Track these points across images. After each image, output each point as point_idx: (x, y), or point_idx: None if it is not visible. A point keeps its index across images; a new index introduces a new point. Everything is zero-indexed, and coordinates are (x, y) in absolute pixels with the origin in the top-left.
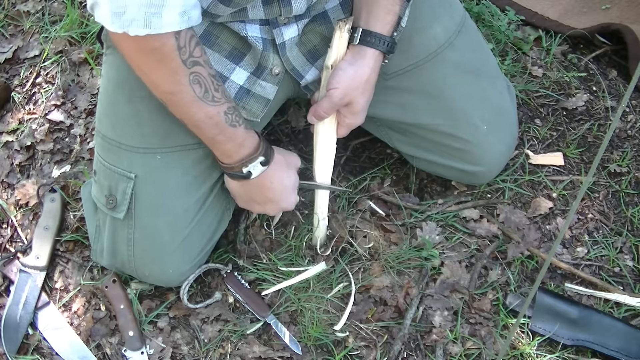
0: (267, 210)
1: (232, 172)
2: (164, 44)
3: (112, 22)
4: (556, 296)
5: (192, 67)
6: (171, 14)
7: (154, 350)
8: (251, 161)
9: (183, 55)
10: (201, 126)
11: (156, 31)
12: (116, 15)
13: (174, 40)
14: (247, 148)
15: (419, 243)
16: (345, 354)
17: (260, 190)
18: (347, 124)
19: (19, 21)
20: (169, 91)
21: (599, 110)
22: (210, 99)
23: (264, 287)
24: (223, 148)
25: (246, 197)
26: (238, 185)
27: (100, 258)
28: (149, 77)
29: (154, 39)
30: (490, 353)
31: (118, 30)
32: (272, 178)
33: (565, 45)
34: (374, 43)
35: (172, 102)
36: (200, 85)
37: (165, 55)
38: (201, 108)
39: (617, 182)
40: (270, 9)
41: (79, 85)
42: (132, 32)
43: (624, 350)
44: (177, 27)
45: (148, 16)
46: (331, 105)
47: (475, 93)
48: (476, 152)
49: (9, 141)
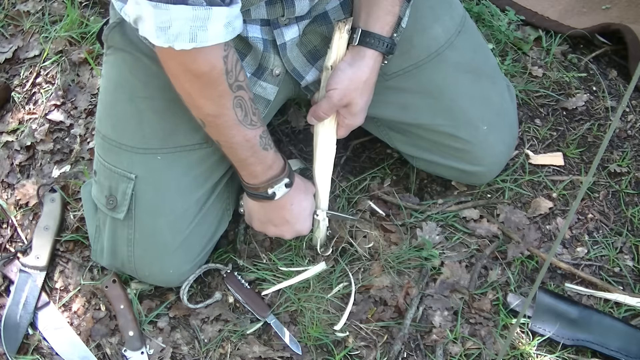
0: (283, 233)
1: (256, 192)
2: (213, 68)
3: (157, 37)
4: (556, 296)
5: (237, 92)
6: (216, 27)
7: (154, 350)
8: (277, 182)
9: (230, 80)
10: (237, 148)
11: (202, 44)
12: (161, 30)
13: (223, 64)
14: (274, 170)
15: (419, 243)
16: (345, 354)
17: (280, 211)
18: (347, 125)
19: (19, 21)
20: (213, 114)
21: (599, 110)
22: (249, 122)
23: (264, 287)
24: (252, 169)
25: (264, 219)
26: (258, 206)
27: (100, 258)
28: (194, 100)
29: (203, 60)
30: (490, 353)
31: (163, 44)
32: (292, 200)
33: (565, 45)
34: (373, 44)
35: (214, 125)
36: (241, 109)
37: (213, 80)
38: (240, 131)
39: (617, 182)
40: (273, 9)
41: (79, 85)
42: (177, 46)
43: (624, 350)
44: (222, 39)
45: (194, 30)
46: (330, 106)
47: (476, 93)
48: (476, 152)
49: (9, 141)
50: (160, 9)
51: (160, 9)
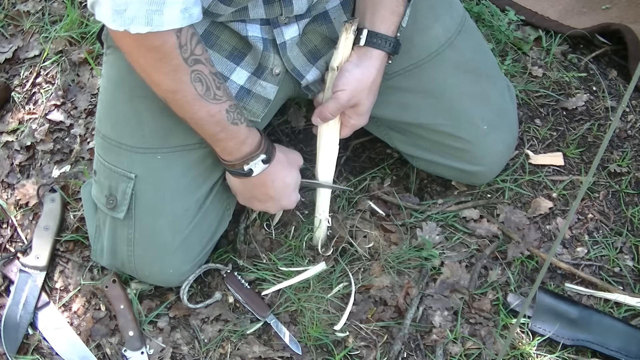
0: (268, 208)
1: (233, 169)
2: (165, 42)
3: (113, 20)
4: (556, 296)
5: (194, 65)
6: (172, 11)
7: (154, 350)
8: (252, 159)
9: (184, 54)
10: (203, 124)
11: (157, 29)
12: (117, 13)
13: (175, 39)
14: (249, 146)
15: (419, 243)
16: (345, 354)
17: (261, 188)
18: (352, 125)
19: (19, 21)
20: (171, 89)
21: (599, 110)
22: (212, 97)
23: (264, 287)
24: (224, 145)
25: (247, 195)
26: (239, 182)
27: (100, 258)
28: (150, 76)
29: (155, 37)
30: (490, 353)
31: (119, 28)
32: (273, 176)
33: (565, 45)
34: (379, 44)
35: (174, 101)
36: (201, 83)
37: (166, 54)
38: (203, 106)
39: (617, 182)
40: (271, 9)
41: (79, 85)
42: (133, 30)
43: (624, 350)
44: (178, 25)
45: (149, 14)
46: (338, 107)
47: (476, 93)
48: (476, 152)
49: (9, 141)
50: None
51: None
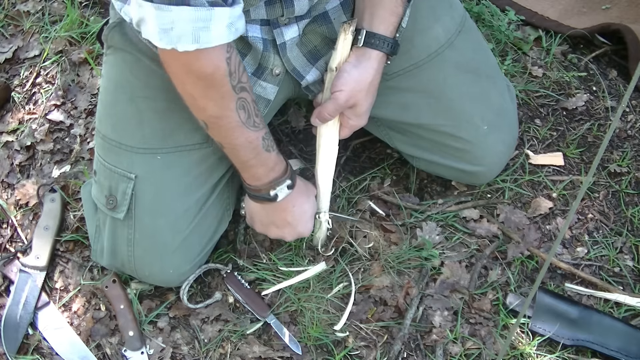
0: (285, 234)
1: (258, 194)
2: (216, 69)
3: (160, 39)
4: (556, 296)
5: (240, 93)
6: (219, 27)
7: (154, 350)
8: (279, 184)
9: (233, 81)
10: (240, 150)
11: (205, 45)
12: (164, 31)
13: (226, 65)
14: (276, 172)
15: (419, 243)
16: (345, 354)
17: (281, 213)
18: (351, 126)
19: (19, 21)
20: (216, 115)
21: (599, 110)
22: (252, 124)
23: (264, 287)
24: (254, 171)
25: (266, 221)
26: (260, 208)
27: (100, 258)
28: (197, 102)
29: (206, 61)
30: (490, 353)
31: (166, 46)
32: (294, 202)
33: (565, 45)
34: (378, 45)
35: (217, 126)
36: (245, 110)
37: (216, 81)
38: (243, 133)
39: (617, 182)
40: (272, 10)
41: (79, 85)
42: (180, 48)
43: (624, 350)
44: (225, 40)
45: (196, 31)
46: (336, 108)
47: (476, 93)
48: (476, 152)
49: (9, 141)
50: (163, 10)
51: (162, 10)
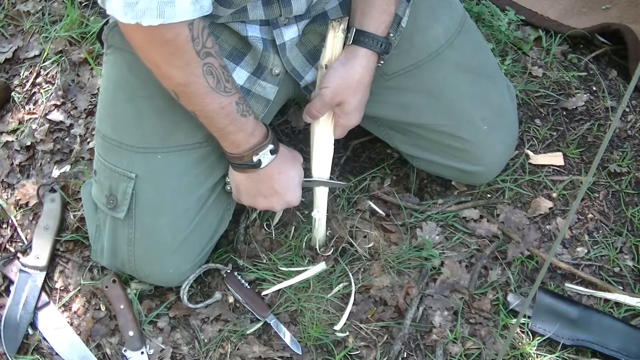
0: (273, 204)
1: (241, 162)
2: (178, 35)
3: (125, 14)
4: (556, 296)
5: (205, 58)
6: (184, 3)
7: (154, 350)
8: (261, 149)
9: (197, 46)
10: (213, 117)
11: (169, 20)
12: (128, 5)
13: (188, 31)
14: (257, 137)
15: (419, 243)
16: (345, 354)
17: (268, 181)
18: (342, 125)
19: (19, 21)
20: (183, 82)
21: (599, 110)
22: (222, 89)
23: (264, 287)
24: (233, 138)
25: (253, 192)
26: (245, 177)
27: (101, 258)
28: (162, 70)
29: (168, 30)
30: (490, 353)
31: (131, 21)
32: (280, 168)
33: (565, 45)
34: (367, 43)
35: (185, 94)
36: (212, 76)
37: (179, 47)
38: (214, 99)
39: (617, 182)
40: (270, 10)
41: (79, 85)
42: (145, 22)
43: (624, 350)
44: (190, 16)
45: (161, 5)
46: (322, 105)
47: (476, 93)
48: (476, 152)
49: (9, 141)
50: None
51: None
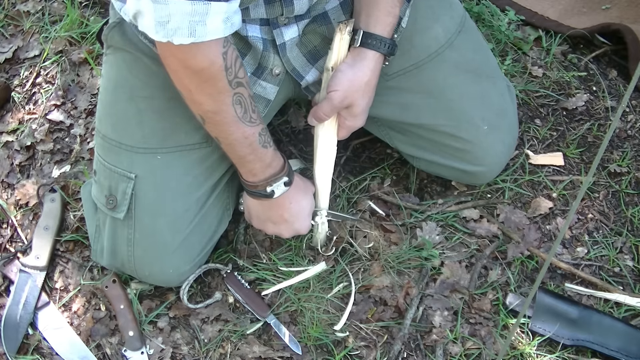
0: (282, 231)
1: (255, 190)
2: (212, 64)
3: (156, 32)
4: (556, 296)
5: (237, 88)
6: (215, 22)
7: (154, 350)
8: (276, 181)
9: (229, 76)
10: (236, 145)
11: (200, 39)
12: (160, 24)
13: (222, 61)
14: (274, 168)
15: (419, 243)
16: (345, 354)
17: (278, 210)
18: (348, 126)
19: (19, 21)
20: (212, 110)
21: (599, 110)
22: (249, 119)
23: (264, 287)
24: (251, 167)
25: (263, 217)
26: (257, 204)
27: (100, 258)
28: (193, 95)
29: (202, 56)
30: (490, 353)
31: (162, 39)
32: (291, 199)
33: (565, 45)
34: (374, 45)
35: (213, 121)
36: (241, 106)
37: (212, 75)
38: (239, 128)
39: (617, 182)
40: (271, 9)
41: (79, 85)
42: (176, 41)
43: (624, 350)
44: (221, 34)
45: (192, 24)
46: (331, 108)
47: (476, 93)
48: (477, 152)
49: (9, 141)
50: (159, 3)
51: (159, 3)
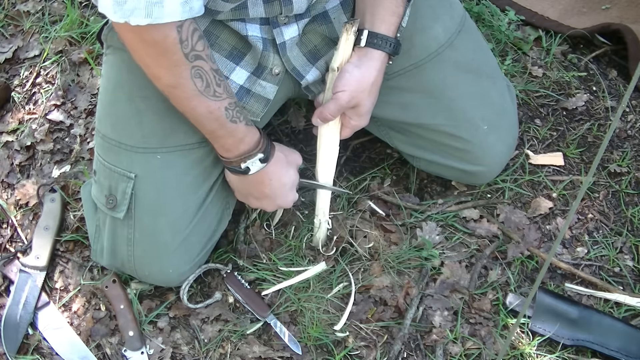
0: (264, 206)
1: (230, 166)
2: (166, 37)
3: (114, 12)
4: (556, 296)
5: (194, 61)
6: (172, 4)
7: (154, 350)
8: (250, 157)
9: (185, 49)
10: (202, 120)
11: (157, 21)
12: (117, 4)
13: (176, 33)
14: (247, 144)
15: (419, 243)
16: (345, 354)
17: (258, 186)
18: (352, 126)
19: (19, 21)
20: (171, 84)
21: (599, 110)
22: (212, 93)
23: (264, 287)
24: (223, 142)
25: (244, 192)
26: (236, 179)
27: (100, 258)
28: (151, 70)
29: (156, 31)
30: (490, 353)
31: (120, 20)
32: (270, 175)
33: (565, 45)
34: (380, 45)
35: (174, 96)
36: (201, 79)
37: (167, 48)
38: (202, 102)
39: (617, 182)
40: (271, 7)
41: (79, 85)
42: (133, 21)
43: (624, 350)
44: (178, 17)
45: (149, 5)
46: (338, 108)
47: (476, 93)
48: (477, 152)
49: (9, 141)
50: None
51: None
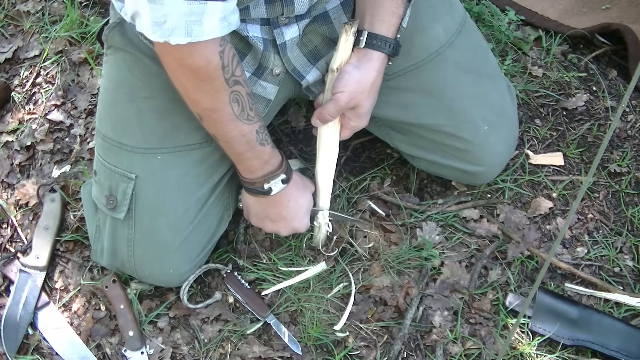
0: (280, 229)
1: (252, 187)
2: (209, 63)
3: (153, 32)
4: (556, 296)
5: (233, 86)
6: (211, 21)
7: (154, 350)
8: (273, 178)
9: (226, 74)
10: (233, 142)
11: (197, 39)
12: (157, 24)
13: (219, 59)
14: (271, 165)
15: (419, 243)
16: (345, 354)
17: (276, 207)
18: (352, 127)
19: (19, 21)
20: (210, 108)
21: (599, 110)
22: (246, 117)
23: (264, 287)
24: (249, 164)
25: (261, 215)
26: (255, 201)
27: (100, 258)
28: (190, 94)
29: (198, 54)
30: (490, 353)
31: (159, 39)
32: (289, 196)
33: (565, 45)
34: (379, 46)
35: (210, 119)
36: (238, 104)
37: (209, 74)
38: (237, 126)
39: (617, 182)
40: (272, 8)
41: (79, 85)
42: (173, 40)
43: (624, 350)
44: (218, 34)
45: (189, 24)
46: (337, 109)
47: (476, 93)
48: (477, 152)
49: (9, 141)
50: (156, 3)
51: (155, 3)
